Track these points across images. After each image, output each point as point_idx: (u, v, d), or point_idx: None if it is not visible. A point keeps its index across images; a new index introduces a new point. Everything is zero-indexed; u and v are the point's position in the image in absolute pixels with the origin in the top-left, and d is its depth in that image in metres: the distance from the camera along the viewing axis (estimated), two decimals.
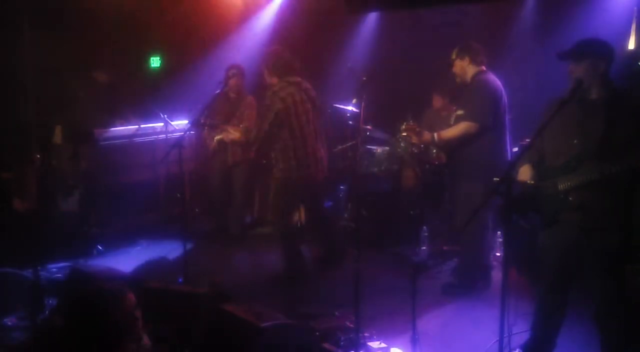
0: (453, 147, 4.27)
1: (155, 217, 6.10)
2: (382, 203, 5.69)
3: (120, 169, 5.53)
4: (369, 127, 5.77)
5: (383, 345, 3.37)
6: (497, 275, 4.51)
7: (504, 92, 4.17)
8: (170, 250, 5.18)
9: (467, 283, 4.34)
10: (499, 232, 4.84)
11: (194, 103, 5.61)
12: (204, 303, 3.26)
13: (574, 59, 2.90)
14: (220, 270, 4.88)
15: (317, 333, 3.42)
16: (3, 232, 4.70)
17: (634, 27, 5.14)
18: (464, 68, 4.23)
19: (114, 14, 6.30)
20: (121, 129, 5.51)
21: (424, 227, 5.34)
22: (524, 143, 4.76)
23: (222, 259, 5.27)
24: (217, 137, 5.52)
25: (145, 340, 2.23)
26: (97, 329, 2.05)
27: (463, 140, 4.13)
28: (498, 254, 4.92)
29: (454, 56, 4.26)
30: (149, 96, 6.31)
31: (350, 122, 5.82)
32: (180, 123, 5.73)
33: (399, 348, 3.35)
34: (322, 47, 6.99)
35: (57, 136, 5.61)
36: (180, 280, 4.31)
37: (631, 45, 5.14)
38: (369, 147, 5.86)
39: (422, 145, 5.29)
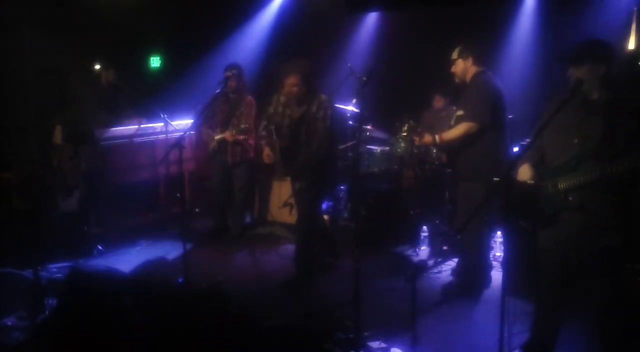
0: (454, 147, 4.27)
1: (155, 217, 6.10)
2: (382, 203, 5.69)
3: (120, 169, 5.53)
4: (369, 127, 5.77)
5: (383, 345, 3.37)
6: (497, 275, 4.52)
7: (503, 92, 4.16)
8: (170, 250, 5.18)
9: (467, 283, 4.34)
10: (498, 232, 4.84)
11: (194, 103, 5.62)
12: (204, 303, 3.26)
13: (573, 63, 2.87)
14: (220, 270, 4.88)
15: (317, 333, 3.42)
16: (3, 232, 4.70)
17: (634, 27, 5.13)
18: (466, 68, 4.19)
19: (114, 14, 6.31)
20: (121, 129, 5.51)
21: (424, 227, 5.34)
22: (524, 143, 4.76)
23: (222, 259, 5.27)
24: (217, 137, 5.52)
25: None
26: (95, 330, 2.05)
27: (464, 141, 4.13)
28: (498, 254, 4.93)
29: (455, 56, 4.21)
30: (149, 96, 6.32)
31: (350, 122, 5.82)
32: (180, 123, 5.73)
33: (399, 348, 3.35)
34: (322, 47, 6.99)
35: (57, 136, 5.60)
36: (180, 280, 4.31)
37: (631, 45, 5.13)
38: (369, 147, 5.86)
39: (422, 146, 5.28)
